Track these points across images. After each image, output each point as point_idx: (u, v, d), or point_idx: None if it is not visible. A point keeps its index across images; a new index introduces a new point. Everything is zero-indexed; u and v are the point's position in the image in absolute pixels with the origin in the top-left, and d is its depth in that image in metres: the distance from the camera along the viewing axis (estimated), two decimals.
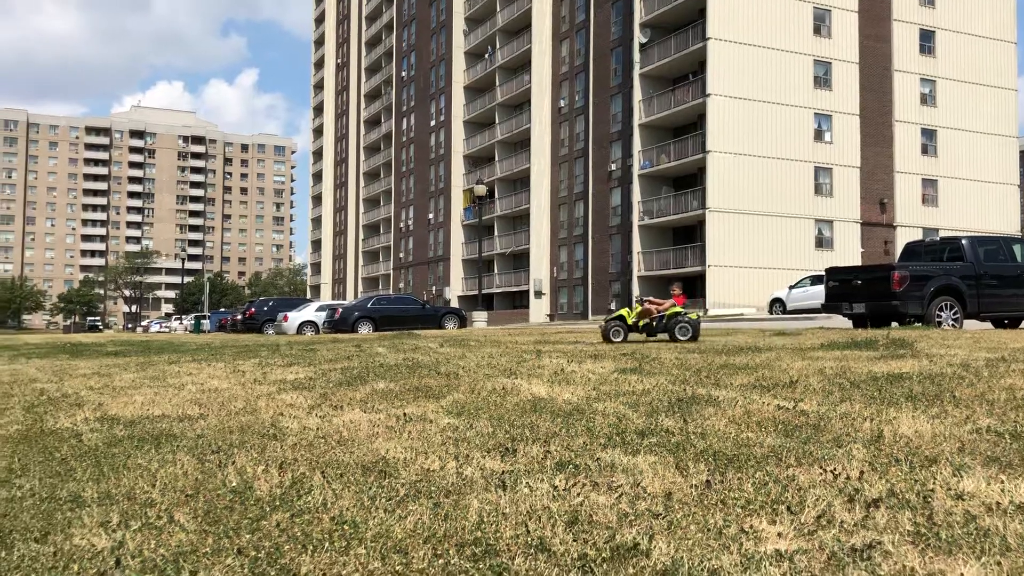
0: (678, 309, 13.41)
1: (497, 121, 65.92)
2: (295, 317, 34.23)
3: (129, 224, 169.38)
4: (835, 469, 3.38)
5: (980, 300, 15.59)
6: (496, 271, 65.47)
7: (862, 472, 3.34)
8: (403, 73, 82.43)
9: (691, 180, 48.00)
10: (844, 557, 2.35)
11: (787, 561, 2.32)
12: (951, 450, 3.75)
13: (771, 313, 33.84)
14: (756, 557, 2.36)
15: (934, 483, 3.13)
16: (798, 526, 2.67)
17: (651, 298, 13.95)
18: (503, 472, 3.62)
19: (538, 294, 59.40)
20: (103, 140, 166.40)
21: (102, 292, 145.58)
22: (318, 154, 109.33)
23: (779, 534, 2.60)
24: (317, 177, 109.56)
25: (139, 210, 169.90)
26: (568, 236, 58.15)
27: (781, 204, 46.60)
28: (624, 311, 13.68)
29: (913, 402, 5.28)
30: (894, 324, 15.26)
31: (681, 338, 12.91)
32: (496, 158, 65.77)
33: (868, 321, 15.72)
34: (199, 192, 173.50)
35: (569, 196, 58.11)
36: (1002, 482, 3.10)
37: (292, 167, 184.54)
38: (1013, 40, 54.07)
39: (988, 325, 16.58)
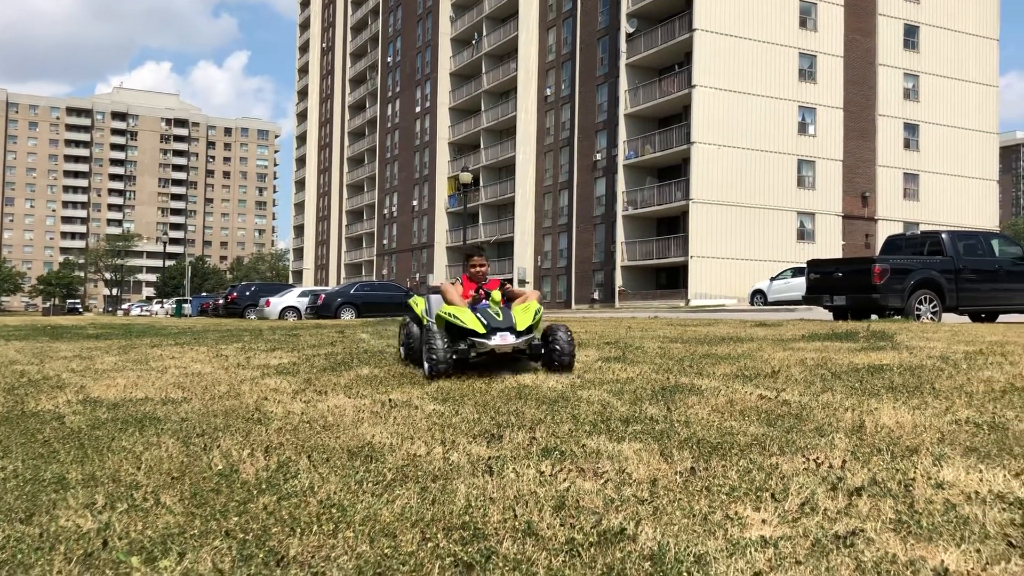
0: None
1: (483, 108, 65.77)
2: (277, 302, 34.06)
3: (110, 207, 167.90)
4: (818, 458, 3.42)
5: (959, 294, 15.74)
6: None
7: (844, 461, 3.38)
8: (388, 59, 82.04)
9: (675, 171, 48.12)
10: (828, 544, 2.38)
11: (772, 547, 2.35)
12: (931, 440, 3.80)
13: (752, 304, 34.03)
14: (741, 543, 2.39)
15: (915, 472, 3.17)
16: (782, 513, 2.71)
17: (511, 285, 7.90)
18: (489, 458, 3.64)
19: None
20: (85, 121, 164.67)
21: (82, 275, 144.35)
22: (302, 139, 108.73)
23: (763, 521, 2.64)
24: (301, 162, 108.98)
25: (121, 192, 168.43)
26: (552, 225, 58.18)
27: (764, 196, 46.81)
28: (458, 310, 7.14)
29: (894, 393, 5.34)
30: (874, 316, 15.39)
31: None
32: (481, 146, 65.66)
33: (848, 313, 15.84)
34: (182, 175, 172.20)
35: (554, 185, 58.11)
36: (980, 472, 3.15)
37: (276, 151, 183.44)
38: (996, 37, 54.42)
39: (966, 319, 16.74)
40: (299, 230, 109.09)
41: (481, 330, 6.93)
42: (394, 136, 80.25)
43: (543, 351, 7.16)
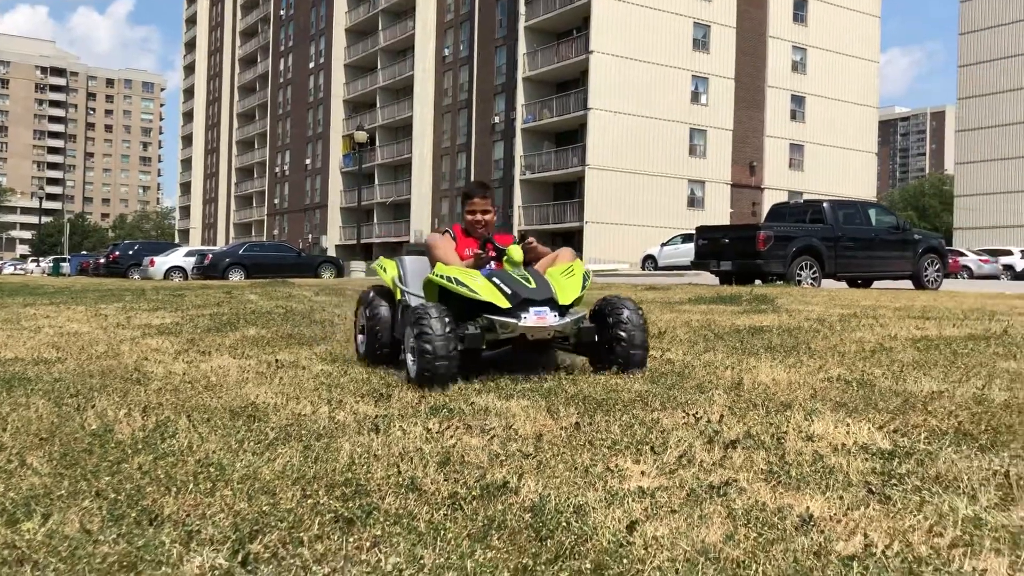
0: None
1: (379, 66, 64.56)
2: (162, 262, 32.96)
3: None
4: (697, 413, 3.53)
5: (837, 261, 16.47)
6: (376, 221, 64.62)
7: (722, 416, 3.50)
8: (281, 12, 79.45)
9: (572, 136, 48.47)
10: (702, 493, 2.47)
11: (649, 497, 2.42)
12: (804, 396, 3.98)
13: (644, 269, 34.79)
14: (620, 494, 2.45)
15: (787, 426, 3.31)
16: (660, 465, 2.79)
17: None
18: (376, 416, 3.62)
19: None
20: None
21: None
22: (189, 92, 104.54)
23: (642, 473, 2.71)
24: (188, 117, 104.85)
25: None
26: (450, 187, 57.88)
27: (657, 164, 47.69)
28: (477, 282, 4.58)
29: (772, 353, 5.56)
30: (758, 281, 15.95)
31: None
32: (378, 105, 64.53)
33: (734, 278, 16.38)
34: (59, 127, 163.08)
35: (452, 147, 57.73)
36: (848, 425, 3.32)
37: (162, 105, 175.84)
38: (877, 14, 56.62)
39: (843, 284, 17.54)
40: (186, 187, 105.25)
41: (504, 304, 4.45)
42: (287, 92, 78.02)
43: (597, 339, 4.73)
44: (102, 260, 39.80)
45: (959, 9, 59.19)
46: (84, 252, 78.34)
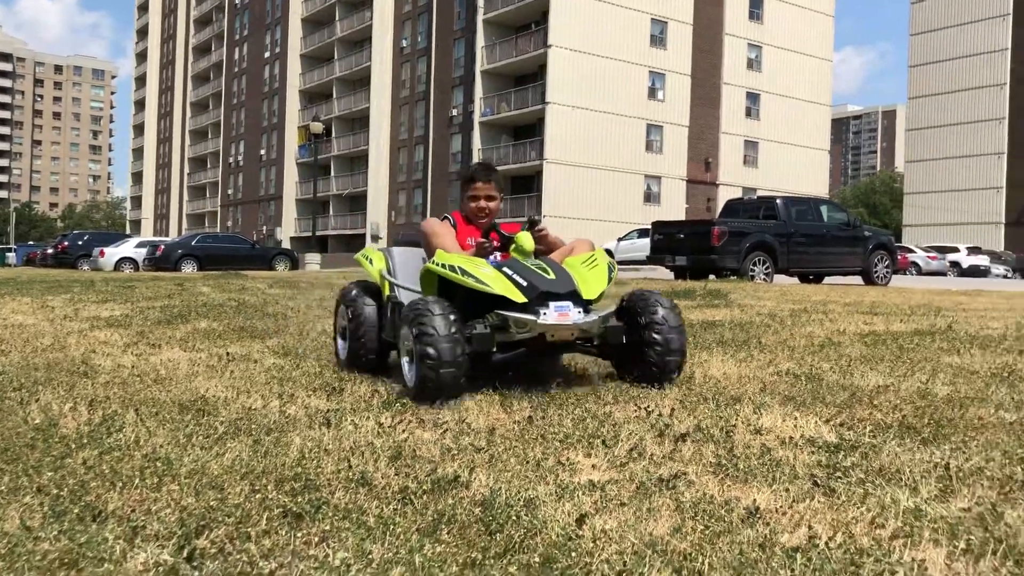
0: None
1: (336, 57, 63.96)
2: (112, 253, 32.39)
3: None
4: (648, 407, 3.56)
5: (790, 256, 16.72)
6: (332, 213, 64.06)
7: (673, 409, 3.54)
8: (236, 0, 78.26)
9: (530, 130, 48.49)
10: (651, 486, 2.49)
11: (599, 491, 2.44)
12: (754, 390, 4.03)
13: None
14: (570, 487, 2.47)
15: (736, 420, 3.35)
16: (611, 459, 2.81)
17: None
18: (328, 410, 3.60)
19: (375, 238, 58.71)
20: None
21: None
22: (141, 80, 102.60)
23: (593, 466, 2.73)
24: (140, 105, 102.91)
25: None
26: (407, 180, 57.58)
27: (614, 159, 47.92)
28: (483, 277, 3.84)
29: (723, 347, 5.62)
30: (712, 276, 16.12)
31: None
32: (334, 95, 63.93)
33: (688, 273, 16.55)
34: (5, 115, 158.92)
35: (409, 139, 57.42)
36: (795, 418, 3.37)
37: (112, 93, 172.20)
38: (831, 14, 57.44)
39: (795, 280, 17.81)
40: (137, 177, 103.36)
41: (519, 298, 3.80)
42: (241, 81, 76.95)
43: (625, 340, 4.07)
44: (50, 250, 39.01)
45: (910, 10, 60.31)
46: (31, 242, 76.55)
